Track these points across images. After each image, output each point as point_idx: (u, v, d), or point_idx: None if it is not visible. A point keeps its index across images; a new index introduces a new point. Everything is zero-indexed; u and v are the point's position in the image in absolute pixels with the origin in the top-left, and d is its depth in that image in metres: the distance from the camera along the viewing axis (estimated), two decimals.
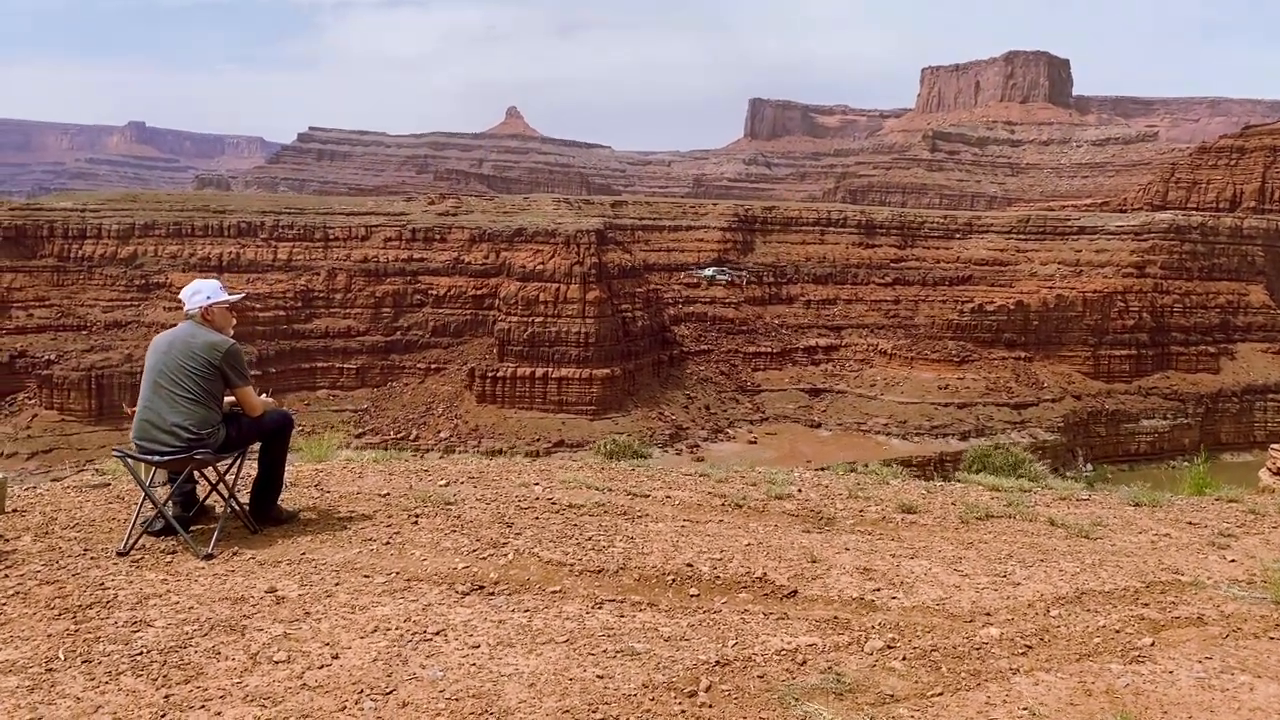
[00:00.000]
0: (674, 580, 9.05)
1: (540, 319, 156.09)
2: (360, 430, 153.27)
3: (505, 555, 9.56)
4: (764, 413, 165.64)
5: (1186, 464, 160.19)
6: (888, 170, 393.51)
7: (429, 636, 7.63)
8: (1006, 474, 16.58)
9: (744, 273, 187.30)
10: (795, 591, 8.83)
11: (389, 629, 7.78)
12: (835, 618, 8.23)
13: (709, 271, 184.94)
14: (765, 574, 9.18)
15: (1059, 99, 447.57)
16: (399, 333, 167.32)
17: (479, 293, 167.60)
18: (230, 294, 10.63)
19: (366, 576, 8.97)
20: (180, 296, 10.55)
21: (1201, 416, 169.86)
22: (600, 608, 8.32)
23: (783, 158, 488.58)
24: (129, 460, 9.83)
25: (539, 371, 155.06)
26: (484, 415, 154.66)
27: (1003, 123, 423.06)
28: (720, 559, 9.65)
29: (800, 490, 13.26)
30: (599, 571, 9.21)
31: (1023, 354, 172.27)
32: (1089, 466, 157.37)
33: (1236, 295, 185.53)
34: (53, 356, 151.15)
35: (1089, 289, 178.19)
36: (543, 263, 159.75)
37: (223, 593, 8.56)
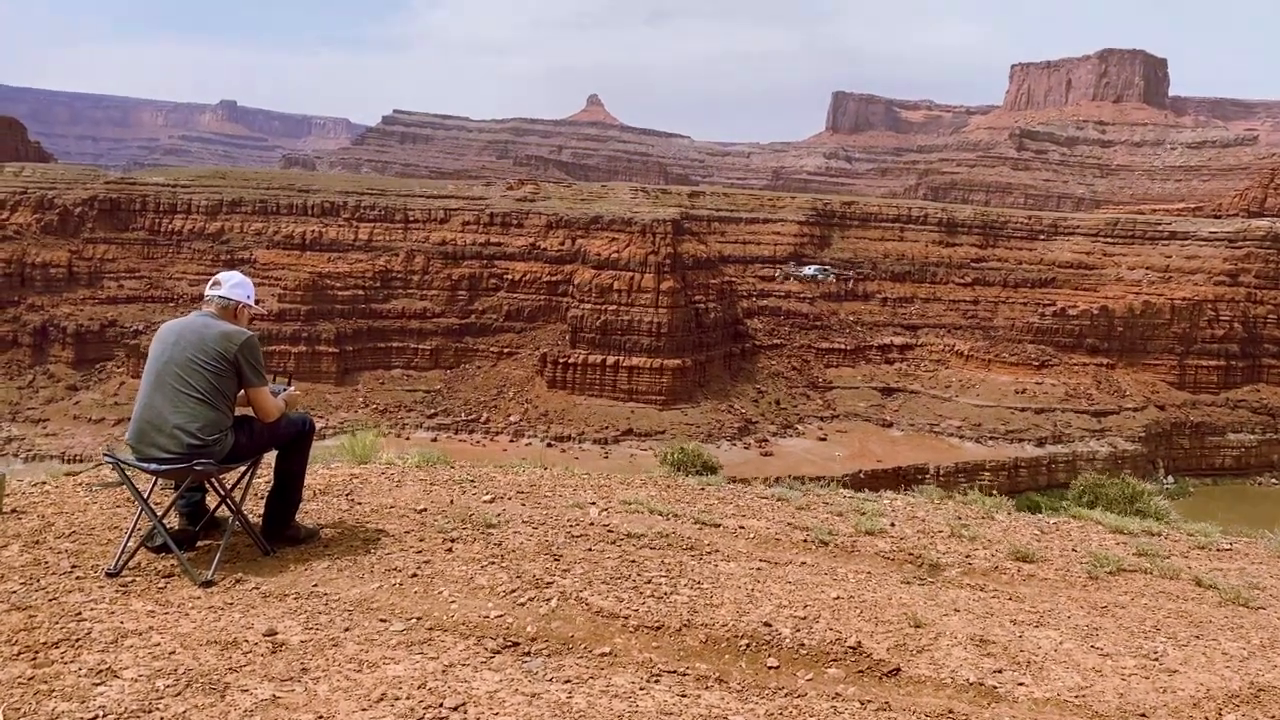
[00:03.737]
0: (748, 645, 7.48)
1: (613, 307, 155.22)
2: (432, 411, 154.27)
3: (548, 600, 8.08)
4: (835, 410, 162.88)
5: (1275, 482, 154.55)
6: (972, 168, 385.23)
7: (444, 713, 6.18)
8: (1124, 507, 14.69)
9: (835, 271, 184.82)
10: (898, 669, 7.21)
11: (398, 698, 6.35)
12: (950, 711, 6.60)
13: (810, 270, 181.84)
14: (860, 642, 7.57)
15: (1154, 99, 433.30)
16: (474, 316, 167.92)
17: (553, 279, 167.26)
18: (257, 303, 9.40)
19: (383, 620, 7.57)
20: (218, 279, 9.23)
21: None
22: (657, 681, 6.80)
23: (864, 152, 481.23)
24: (123, 468, 8.53)
25: (610, 359, 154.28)
26: (554, 401, 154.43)
27: (1094, 122, 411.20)
28: (804, 617, 8.05)
29: (894, 524, 11.56)
30: (658, 628, 7.68)
31: (1105, 360, 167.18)
32: (1170, 479, 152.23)
33: None
34: (141, 327, 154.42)
35: (1177, 296, 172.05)
36: (617, 251, 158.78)
37: (213, 634, 7.23)
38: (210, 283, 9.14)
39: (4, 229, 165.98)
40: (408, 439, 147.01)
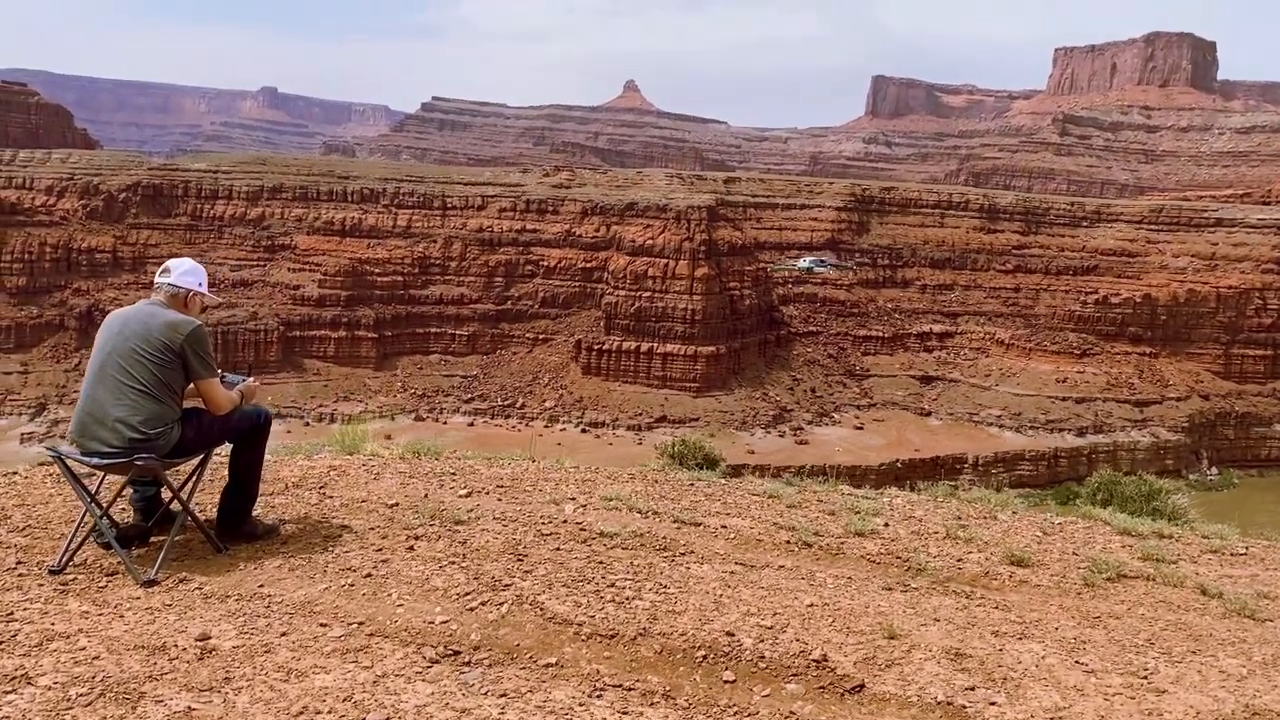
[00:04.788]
0: (705, 656, 7.03)
1: (648, 294, 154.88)
2: (469, 396, 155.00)
3: (501, 604, 7.67)
4: (872, 398, 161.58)
5: None
6: (1014, 153, 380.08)
7: None
8: (1139, 505, 14.04)
9: (850, 263, 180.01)
10: (862, 685, 6.73)
11: (319, 712, 5.99)
12: None
13: (806, 262, 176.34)
14: (826, 655, 7.09)
15: (1202, 83, 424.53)
16: (510, 302, 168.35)
17: (588, 265, 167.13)
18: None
19: (323, 625, 7.21)
20: (168, 265, 8.85)
21: None
22: (599, 696, 6.37)
23: (904, 137, 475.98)
24: (65, 463, 8.23)
25: (644, 346, 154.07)
26: (588, 387, 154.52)
27: (1139, 107, 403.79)
28: (771, 626, 7.58)
29: (888, 524, 11.03)
30: (612, 636, 7.25)
31: (1148, 349, 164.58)
32: (1213, 470, 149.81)
33: None
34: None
35: (1224, 284, 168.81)
36: (652, 238, 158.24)
37: (143, 637, 6.91)
38: (160, 270, 8.80)
39: (51, 215, 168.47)
40: (445, 423, 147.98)
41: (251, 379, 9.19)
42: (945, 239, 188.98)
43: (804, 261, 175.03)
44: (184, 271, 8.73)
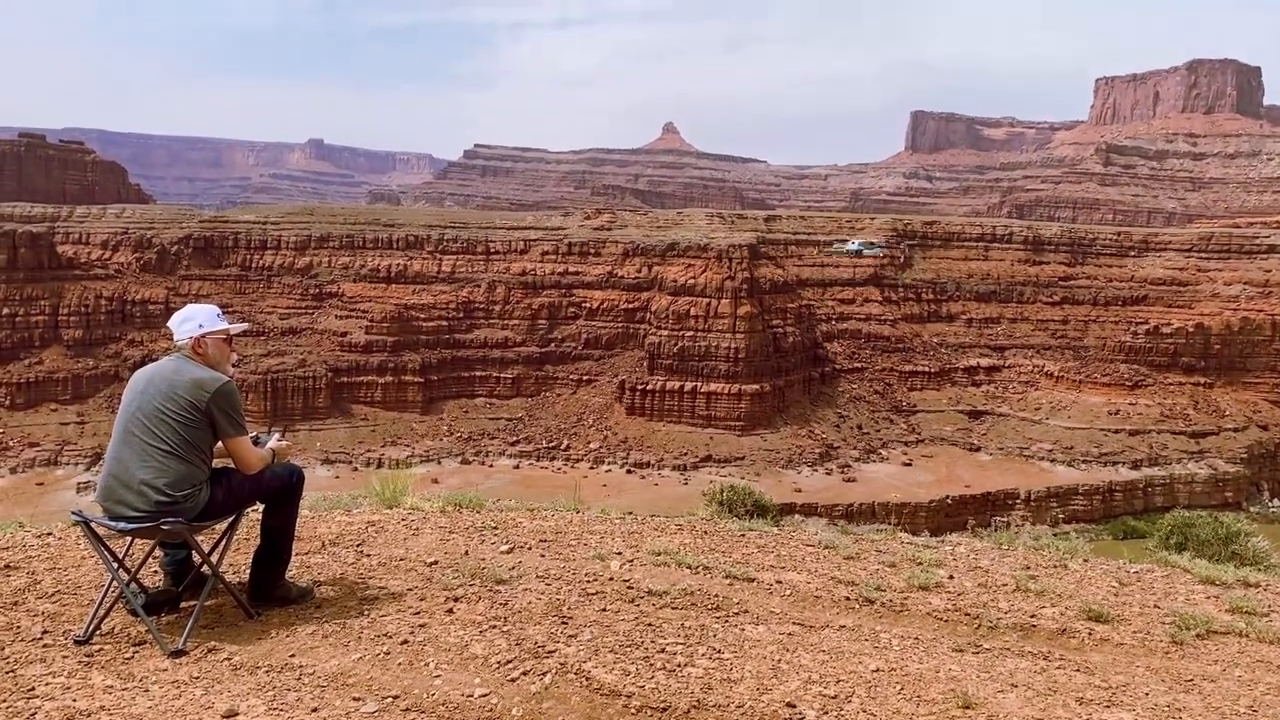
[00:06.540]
0: None
1: (690, 333, 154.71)
2: (514, 438, 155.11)
3: (544, 674, 7.18)
4: (919, 434, 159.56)
5: None
6: (1057, 184, 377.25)
7: None
8: (1218, 549, 13.27)
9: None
10: None
11: None
12: None
13: (855, 245, 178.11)
14: None
15: (1248, 109, 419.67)
16: (553, 344, 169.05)
17: (630, 306, 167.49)
18: (229, 323, 8.59)
19: (356, 699, 6.76)
20: (169, 325, 8.54)
21: None
22: None
23: (945, 171, 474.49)
24: (91, 527, 7.89)
25: (688, 386, 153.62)
26: (633, 427, 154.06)
27: (1184, 135, 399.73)
28: (835, 696, 7.02)
29: (952, 576, 10.41)
30: (664, 709, 6.73)
31: (1202, 379, 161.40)
32: (1275, 502, 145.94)
33: None
34: (235, 359, 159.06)
35: (1278, 311, 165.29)
36: (694, 277, 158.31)
37: (168, 715, 6.50)
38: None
39: (106, 268, 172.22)
40: (491, 466, 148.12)
41: (283, 439, 8.84)
42: (990, 272, 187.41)
43: (853, 244, 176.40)
44: (181, 323, 8.34)
